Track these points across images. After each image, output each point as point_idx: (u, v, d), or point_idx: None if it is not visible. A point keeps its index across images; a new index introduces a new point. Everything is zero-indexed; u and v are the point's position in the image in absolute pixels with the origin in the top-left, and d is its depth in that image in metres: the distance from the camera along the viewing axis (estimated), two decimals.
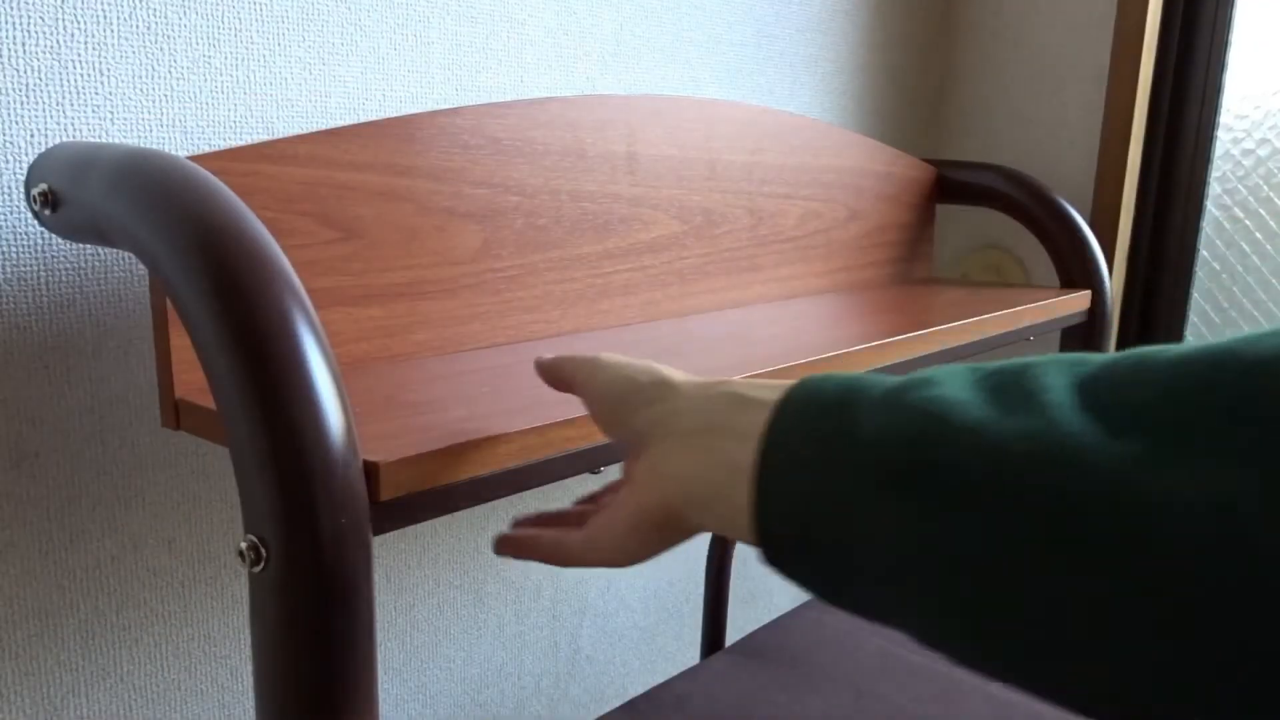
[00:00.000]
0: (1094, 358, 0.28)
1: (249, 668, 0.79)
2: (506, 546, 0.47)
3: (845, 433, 0.29)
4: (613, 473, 1.07)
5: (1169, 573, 0.22)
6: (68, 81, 0.61)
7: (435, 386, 0.62)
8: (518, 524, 0.50)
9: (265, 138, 0.70)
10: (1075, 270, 1.13)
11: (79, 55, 0.61)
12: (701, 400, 0.37)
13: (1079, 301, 1.10)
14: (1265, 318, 1.27)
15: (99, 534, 0.68)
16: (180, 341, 0.57)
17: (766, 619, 1.31)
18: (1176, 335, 1.33)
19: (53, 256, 0.62)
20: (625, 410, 0.42)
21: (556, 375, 0.50)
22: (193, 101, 0.66)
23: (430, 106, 0.80)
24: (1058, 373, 0.27)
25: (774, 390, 0.34)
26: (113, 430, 0.67)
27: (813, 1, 1.15)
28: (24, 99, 0.59)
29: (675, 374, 0.42)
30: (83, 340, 0.65)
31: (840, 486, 0.28)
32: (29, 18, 0.59)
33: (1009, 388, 0.27)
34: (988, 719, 0.69)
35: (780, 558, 0.31)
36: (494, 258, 0.75)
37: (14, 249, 0.60)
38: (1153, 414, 0.24)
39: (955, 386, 0.28)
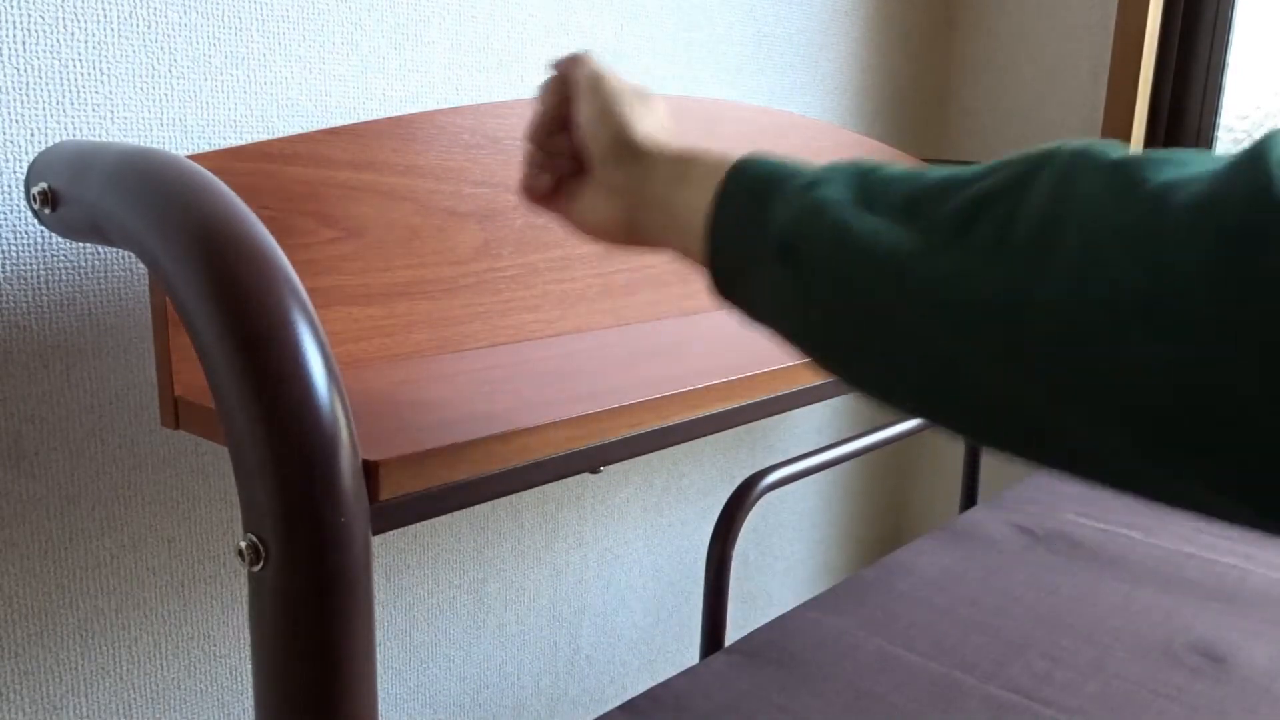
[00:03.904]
0: (915, 175, 0.39)
1: (248, 667, 0.79)
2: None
3: (760, 218, 0.43)
4: (613, 472, 1.07)
5: (909, 320, 0.35)
6: (68, 81, 0.61)
7: (435, 386, 0.62)
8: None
9: (265, 137, 0.70)
10: None
11: (79, 55, 0.61)
12: (666, 172, 0.50)
13: None
14: None
15: (98, 533, 0.68)
16: (180, 341, 0.57)
17: (766, 619, 1.31)
18: None
19: (53, 256, 0.62)
20: (601, 143, 0.53)
21: (562, 77, 0.57)
22: (193, 101, 0.66)
23: (430, 106, 0.80)
24: (893, 183, 0.39)
25: (716, 169, 0.47)
26: (112, 429, 0.67)
27: (813, 1, 1.15)
28: (24, 98, 0.59)
29: (644, 132, 0.53)
30: (83, 340, 0.65)
31: (754, 250, 0.43)
32: (29, 18, 0.59)
33: (866, 193, 0.39)
34: (986, 719, 0.69)
35: (718, 283, 0.46)
36: (494, 257, 0.75)
37: (14, 248, 0.60)
38: (941, 227, 0.36)
39: (837, 188, 0.40)
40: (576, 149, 0.56)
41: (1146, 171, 0.32)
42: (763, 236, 0.41)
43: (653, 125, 0.54)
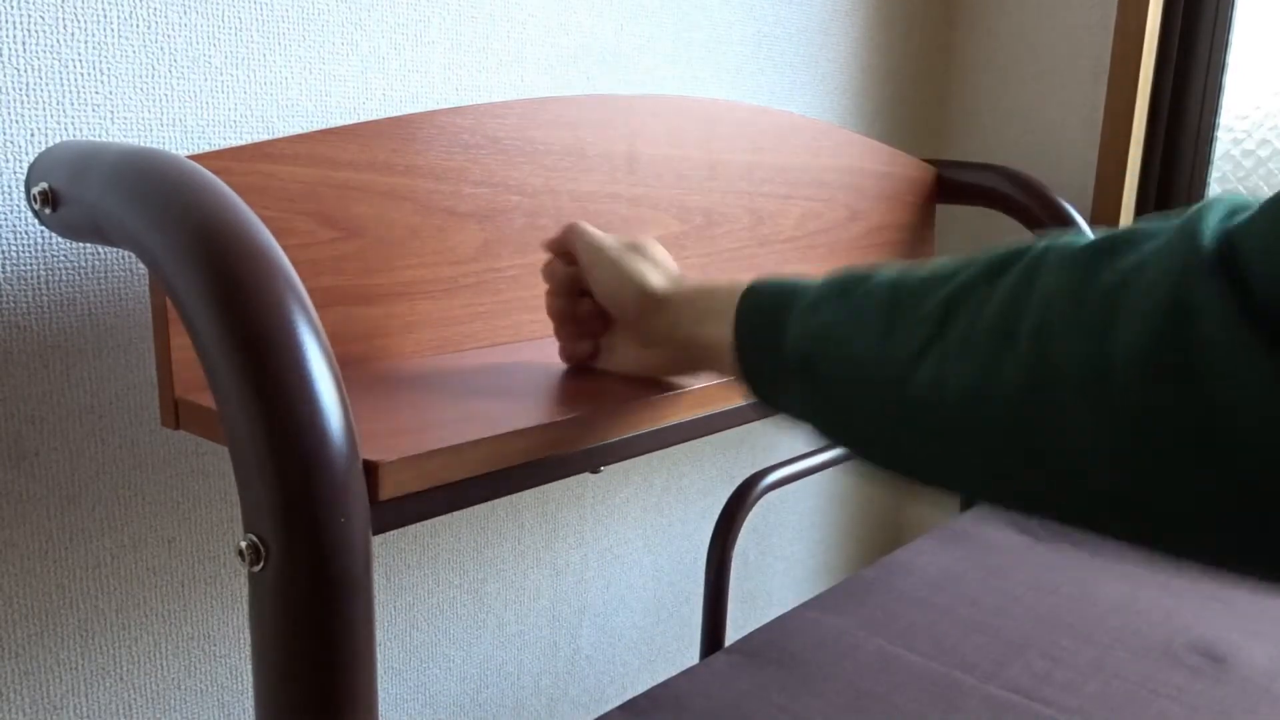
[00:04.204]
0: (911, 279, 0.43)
1: (249, 667, 0.79)
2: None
3: (776, 341, 0.48)
4: (613, 472, 1.07)
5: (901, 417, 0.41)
6: (68, 81, 0.61)
7: (435, 386, 0.62)
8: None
9: (265, 137, 0.70)
10: None
11: (79, 55, 0.61)
12: (688, 314, 0.56)
13: None
14: None
15: (98, 533, 0.68)
16: (180, 341, 0.57)
17: (766, 619, 1.31)
18: None
19: (53, 256, 0.62)
20: (623, 305, 0.59)
21: (560, 247, 0.63)
22: (193, 101, 0.66)
23: (430, 106, 0.80)
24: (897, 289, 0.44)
25: (730, 301, 0.52)
26: (112, 429, 0.67)
27: (813, 1, 1.15)
28: (24, 98, 0.59)
29: (658, 284, 0.58)
30: (83, 340, 0.65)
31: (777, 369, 0.48)
32: (29, 18, 0.59)
33: (857, 308, 0.44)
34: (986, 719, 0.69)
35: (758, 397, 0.51)
36: (494, 257, 0.75)
37: (14, 248, 0.60)
38: (921, 329, 0.40)
39: (832, 309, 0.45)
40: (601, 308, 0.62)
41: (1101, 261, 0.34)
42: (782, 356, 0.47)
43: (661, 273, 0.59)
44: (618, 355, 0.62)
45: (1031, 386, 0.34)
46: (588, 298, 0.62)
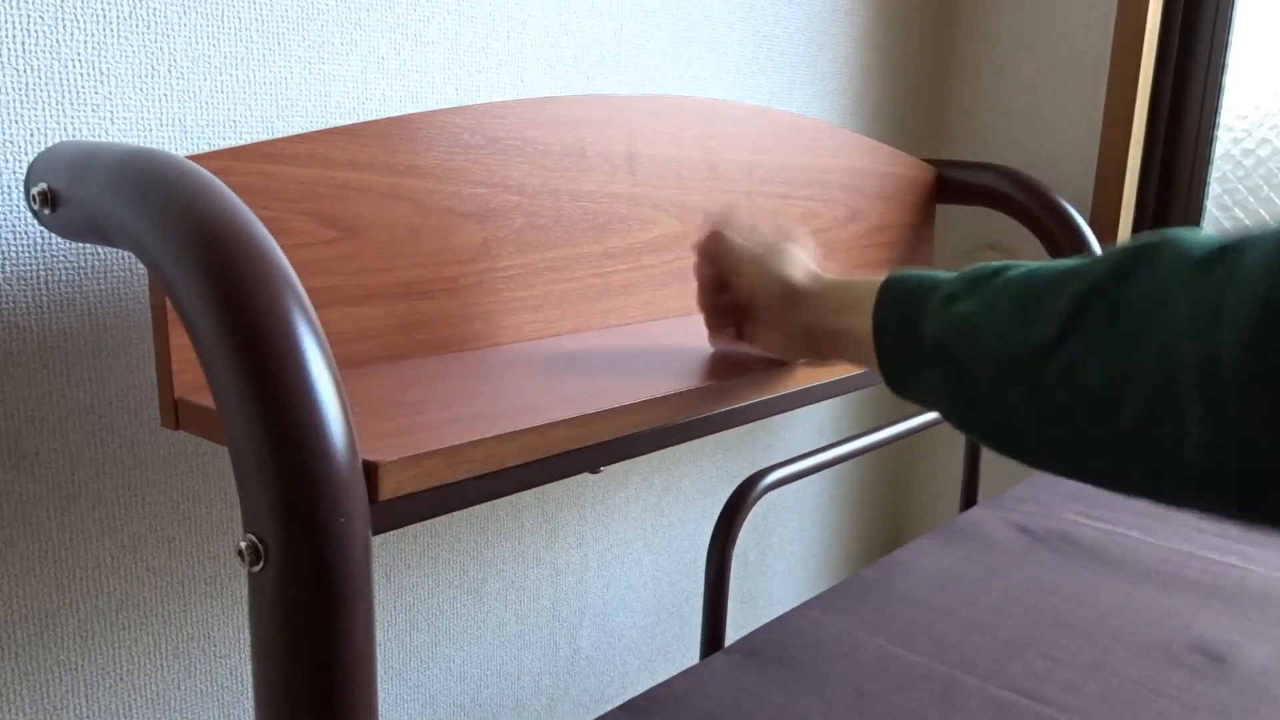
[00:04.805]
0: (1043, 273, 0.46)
1: (248, 667, 0.79)
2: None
3: (914, 332, 0.51)
4: (613, 472, 1.07)
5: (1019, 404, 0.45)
6: (68, 81, 0.61)
7: (435, 386, 0.62)
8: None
9: (265, 137, 0.70)
10: None
11: (79, 55, 0.61)
12: (830, 305, 0.61)
13: None
14: None
15: (98, 533, 0.68)
16: (180, 341, 0.57)
17: (766, 619, 1.31)
18: None
19: (53, 256, 0.62)
20: (768, 299, 0.65)
21: (705, 251, 0.70)
22: (193, 101, 0.66)
23: (430, 106, 0.80)
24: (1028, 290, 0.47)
25: (869, 294, 0.55)
26: (112, 430, 0.67)
27: (813, 1, 1.15)
28: (24, 99, 0.59)
29: (799, 279, 0.64)
30: (83, 340, 0.65)
31: (914, 358, 0.52)
32: (29, 18, 0.59)
33: (1013, 303, 0.46)
34: (986, 719, 0.69)
35: (891, 384, 0.55)
36: (494, 258, 0.75)
37: (14, 249, 0.60)
38: (1054, 324, 0.43)
39: (970, 301, 0.48)
40: (741, 302, 0.67)
41: (1214, 267, 0.37)
42: (920, 346, 0.50)
43: (803, 267, 0.64)
44: (762, 340, 0.68)
45: (1164, 375, 0.37)
46: (728, 293, 0.69)
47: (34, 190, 0.52)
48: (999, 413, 0.46)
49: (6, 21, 0.58)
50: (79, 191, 0.49)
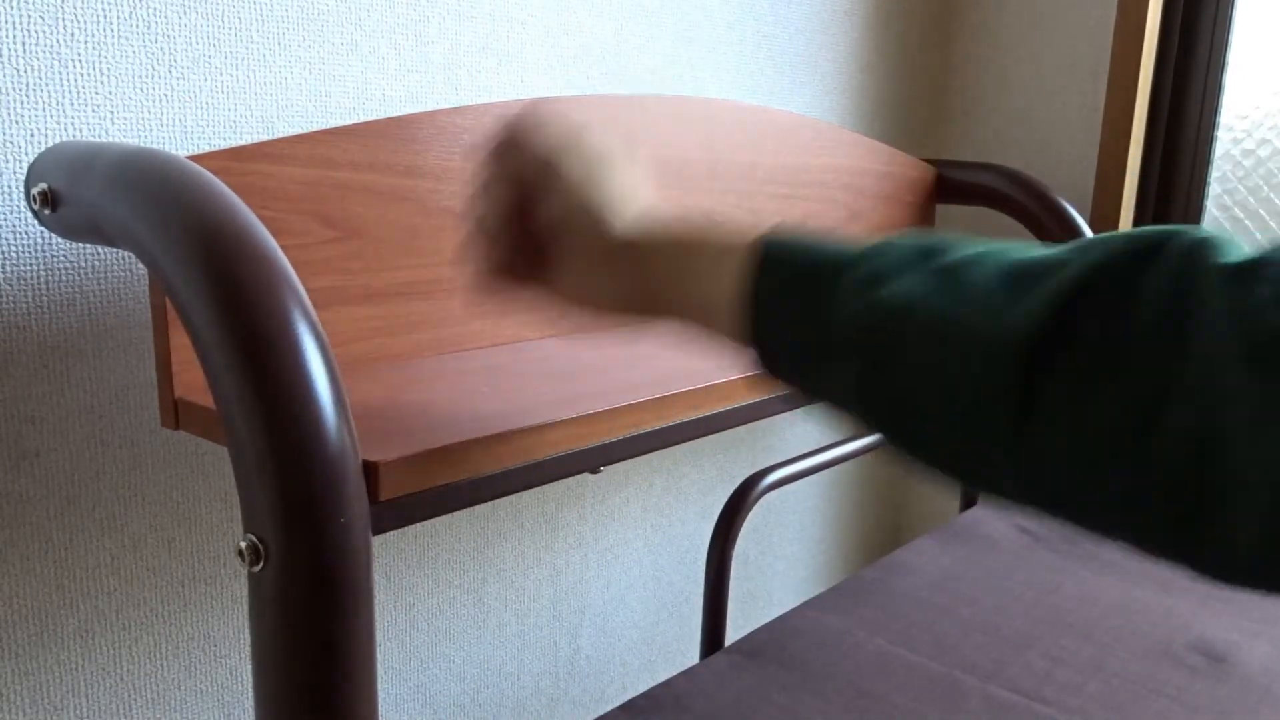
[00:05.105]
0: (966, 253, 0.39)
1: (249, 668, 0.79)
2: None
3: (817, 315, 0.41)
4: (613, 472, 1.07)
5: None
6: (68, 81, 0.61)
7: (435, 386, 0.62)
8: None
9: (265, 138, 0.70)
10: None
11: (79, 55, 0.61)
12: (673, 254, 0.46)
13: None
14: None
15: (99, 533, 0.68)
16: (180, 341, 0.57)
17: (766, 619, 1.31)
18: None
19: (53, 256, 0.62)
20: (593, 245, 0.48)
21: (504, 170, 0.50)
22: (193, 101, 0.66)
23: (430, 106, 0.80)
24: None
25: (732, 254, 0.44)
26: (113, 430, 0.67)
27: (813, 1, 1.15)
28: (24, 99, 0.59)
29: (634, 212, 0.48)
30: (83, 340, 0.65)
31: (816, 346, 0.41)
32: (29, 18, 0.59)
33: (945, 281, 0.37)
34: (986, 719, 0.69)
35: (768, 367, 0.44)
36: None
37: (14, 249, 0.60)
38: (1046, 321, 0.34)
39: (909, 280, 0.38)
40: (541, 237, 0.49)
41: (1249, 282, 0.30)
42: (826, 332, 0.40)
43: (640, 197, 0.48)
44: (564, 289, 0.50)
45: (1208, 426, 0.30)
46: (523, 223, 0.49)
47: (34, 190, 0.52)
48: (944, 417, 0.36)
49: (6, 21, 0.58)
50: (79, 192, 0.49)
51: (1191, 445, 0.30)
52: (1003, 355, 0.34)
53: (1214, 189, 1.28)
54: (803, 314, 0.41)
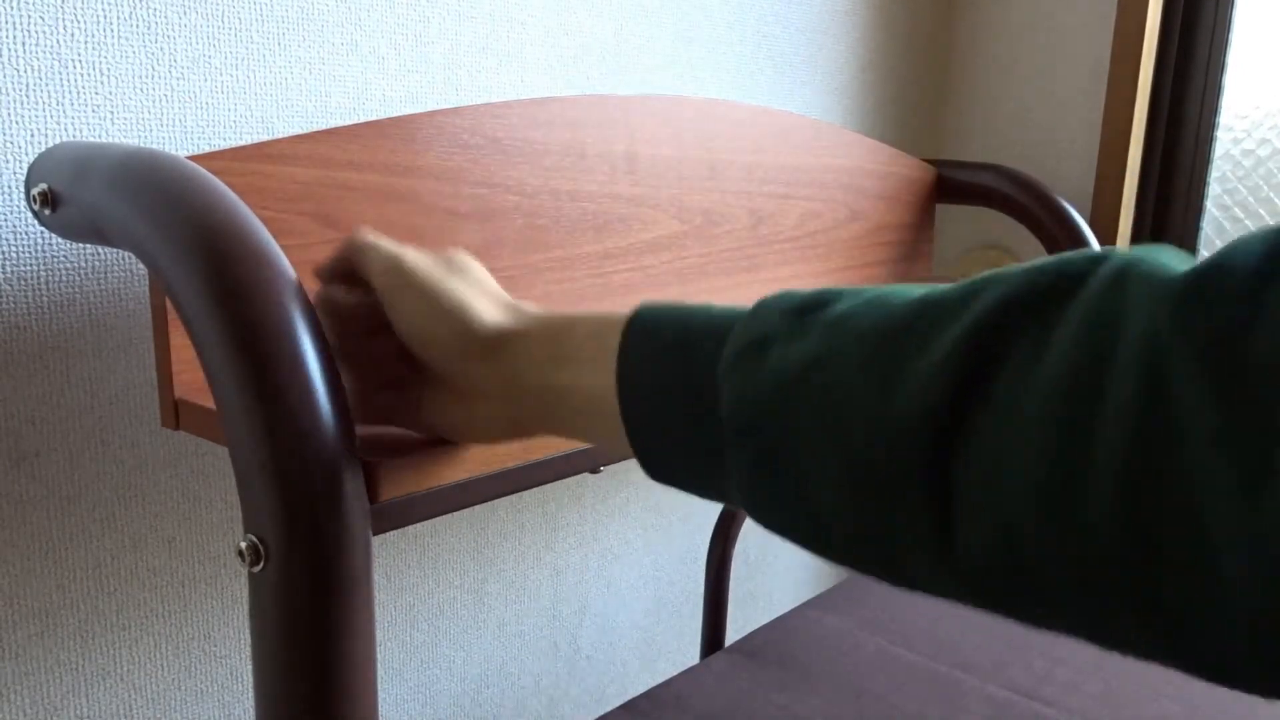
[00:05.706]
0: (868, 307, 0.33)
1: (249, 668, 0.79)
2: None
3: (699, 396, 0.36)
4: (613, 472, 1.07)
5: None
6: (68, 81, 0.61)
7: None
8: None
9: (265, 138, 0.70)
10: None
11: (79, 55, 0.61)
12: (535, 354, 0.42)
13: None
14: None
15: (99, 533, 0.68)
16: (180, 341, 0.57)
17: (766, 619, 1.31)
18: None
19: (53, 256, 0.62)
20: (441, 347, 0.44)
21: (341, 268, 0.47)
22: (193, 101, 0.66)
23: (430, 106, 0.80)
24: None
25: (606, 339, 0.39)
26: (113, 430, 0.67)
27: (813, 1, 1.15)
28: (24, 99, 0.59)
29: (490, 317, 0.43)
30: (83, 340, 0.65)
31: (704, 429, 0.36)
32: (29, 18, 0.59)
33: (833, 340, 0.33)
34: (986, 719, 0.69)
35: (654, 472, 0.40)
36: (494, 258, 0.75)
37: (14, 249, 0.60)
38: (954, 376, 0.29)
39: (799, 345, 0.33)
40: (398, 354, 0.45)
41: (1202, 306, 0.25)
42: (714, 416, 0.35)
43: (490, 300, 0.44)
44: (430, 411, 0.46)
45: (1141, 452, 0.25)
46: (383, 335, 0.45)
47: (34, 191, 0.52)
48: (854, 503, 0.31)
49: (6, 21, 0.58)
50: (79, 192, 0.49)
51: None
52: (904, 436, 0.29)
53: (1214, 189, 1.28)
54: (680, 392, 0.36)
